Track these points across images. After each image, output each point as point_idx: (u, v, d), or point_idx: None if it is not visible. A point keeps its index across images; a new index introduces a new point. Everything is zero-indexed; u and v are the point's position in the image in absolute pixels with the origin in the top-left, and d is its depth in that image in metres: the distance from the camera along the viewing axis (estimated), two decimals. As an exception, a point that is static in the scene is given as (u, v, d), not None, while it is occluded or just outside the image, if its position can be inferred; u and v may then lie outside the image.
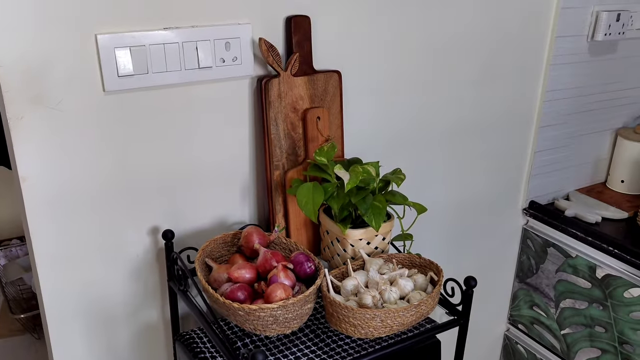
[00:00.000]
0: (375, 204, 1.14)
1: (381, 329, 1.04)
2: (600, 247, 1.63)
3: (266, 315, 1.00)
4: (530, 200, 1.81)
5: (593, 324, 1.70)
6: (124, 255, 1.17)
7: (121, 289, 1.19)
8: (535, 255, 1.83)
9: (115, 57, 1.02)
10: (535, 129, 1.71)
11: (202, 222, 1.23)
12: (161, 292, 1.24)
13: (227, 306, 1.01)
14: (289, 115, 1.19)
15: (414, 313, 1.05)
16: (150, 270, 1.21)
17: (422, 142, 1.50)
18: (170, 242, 1.16)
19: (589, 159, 1.89)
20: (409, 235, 1.28)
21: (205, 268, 1.14)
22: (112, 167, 1.09)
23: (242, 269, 1.08)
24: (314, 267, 1.10)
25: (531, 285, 1.87)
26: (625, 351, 1.63)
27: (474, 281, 1.09)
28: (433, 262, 1.16)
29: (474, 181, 1.67)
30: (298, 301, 1.01)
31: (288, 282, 1.05)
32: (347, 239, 1.17)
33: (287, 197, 1.22)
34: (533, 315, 1.89)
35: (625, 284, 1.59)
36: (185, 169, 1.17)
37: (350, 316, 1.02)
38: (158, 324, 1.26)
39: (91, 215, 1.11)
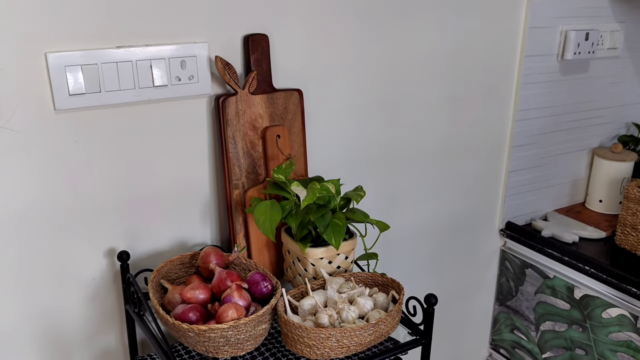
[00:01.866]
0: (335, 221, 1.12)
1: (337, 349, 1.00)
2: (577, 267, 1.60)
3: (217, 336, 0.97)
4: (507, 221, 1.78)
5: (573, 346, 1.66)
6: (79, 278, 1.14)
7: (78, 314, 1.16)
8: (514, 277, 1.80)
9: (66, 75, 1.01)
10: (508, 148, 1.70)
11: (161, 244, 1.21)
12: (119, 316, 1.21)
13: (177, 327, 0.98)
14: (247, 133, 1.18)
15: (372, 332, 1.02)
16: (108, 294, 1.18)
17: (394, 164, 1.49)
18: (125, 264, 1.13)
19: (566, 179, 1.87)
20: (374, 255, 1.26)
21: (161, 290, 1.11)
22: (65, 187, 1.08)
23: (196, 289, 1.06)
24: (270, 287, 1.07)
25: (511, 308, 1.83)
26: (607, 374, 1.59)
27: (434, 298, 1.06)
28: (395, 280, 1.13)
29: (449, 202, 1.65)
30: (250, 321, 0.98)
31: (242, 302, 1.03)
32: (307, 258, 1.14)
33: (248, 217, 1.21)
34: (514, 339, 1.84)
35: (603, 304, 1.55)
36: (142, 190, 1.15)
37: (305, 336, 0.99)
38: (117, 349, 1.22)
39: (44, 237, 1.09)
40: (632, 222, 1.62)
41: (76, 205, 1.10)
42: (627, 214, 1.63)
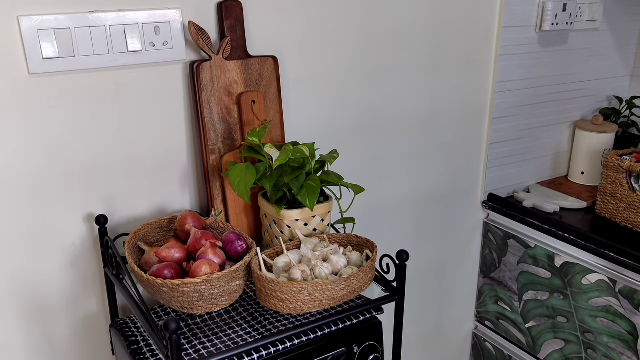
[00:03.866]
0: (309, 183, 1.14)
1: (310, 303, 1.02)
2: (558, 235, 1.62)
3: (190, 290, 0.98)
4: (489, 193, 1.80)
5: (555, 314, 1.68)
6: (59, 243, 1.16)
7: (58, 279, 1.18)
8: (497, 248, 1.82)
9: (39, 39, 1.03)
10: (488, 120, 1.72)
11: (140, 210, 1.23)
12: (100, 280, 1.23)
13: (152, 283, 1.00)
14: (222, 99, 1.20)
15: (344, 287, 1.04)
16: (88, 259, 1.20)
17: (373, 134, 1.51)
18: (103, 228, 1.15)
19: (548, 152, 1.89)
20: (351, 219, 1.28)
21: (138, 251, 1.13)
22: (42, 152, 1.09)
23: (172, 248, 1.07)
24: (245, 246, 1.09)
25: (495, 280, 1.85)
26: (588, 340, 1.60)
27: (406, 254, 1.08)
28: (370, 240, 1.15)
29: (430, 174, 1.67)
30: (223, 276, 1.00)
31: (217, 259, 1.04)
32: (283, 220, 1.16)
33: (225, 182, 1.22)
34: (499, 310, 1.86)
35: (583, 270, 1.57)
36: (120, 156, 1.17)
37: (278, 290, 1.01)
38: (99, 313, 1.24)
39: (22, 202, 1.10)
40: (611, 190, 1.64)
41: (54, 171, 1.12)
42: (607, 182, 1.64)
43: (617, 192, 1.62)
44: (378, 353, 1.19)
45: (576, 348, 1.64)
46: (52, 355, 1.22)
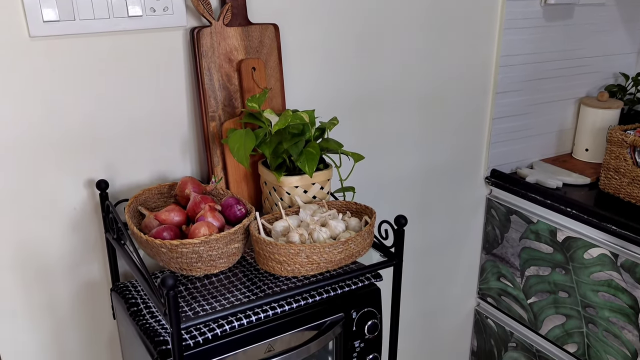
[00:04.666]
0: (309, 149, 1.14)
1: (308, 265, 1.03)
2: (560, 209, 1.62)
3: (189, 251, 0.99)
4: (491, 169, 1.80)
5: (557, 289, 1.68)
6: (60, 208, 1.17)
7: (60, 243, 1.19)
8: (499, 224, 1.81)
9: (40, 2, 1.03)
10: (492, 94, 1.71)
11: (141, 177, 1.24)
12: (101, 246, 1.24)
13: (151, 244, 1.00)
14: (223, 65, 1.20)
15: (342, 250, 1.04)
16: (89, 224, 1.21)
17: (376, 108, 1.50)
18: (104, 192, 1.16)
19: (553, 128, 1.88)
20: (351, 188, 1.28)
21: (139, 216, 1.14)
22: (43, 116, 1.10)
23: (171, 211, 1.08)
24: (244, 211, 1.10)
25: (497, 256, 1.85)
26: (589, 314, 1.60)
27: (404, 219, 1.08)
28: (369, 207, 1.15)
29: (433, 149, 1.67)
30: (222, 237, 1.00)
31: (216, 222, 1.05)
32: (282, 187, 1.17)
33: (226, 150, 1.23)
34: (501, 286, 1.86)
35: (585, 245, 1.57)
36: (120, 121, 1.18)
37: (276, 252, 1.02)
38: (100, 278, 1.26)
39: (22, 166, 1.11)
40: (615, 165, 1.63)
41: (54, 135, 1.12)
42: (611, 157, 1.63)
43: (621, 167, 1.61)
44: (376, 319, 1.20)
45: (577, 323, 1.64)
46: (54, 320, 1.24)
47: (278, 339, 1.09)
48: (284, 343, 1.10)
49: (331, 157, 1.24)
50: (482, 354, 2.00)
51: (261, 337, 1.07)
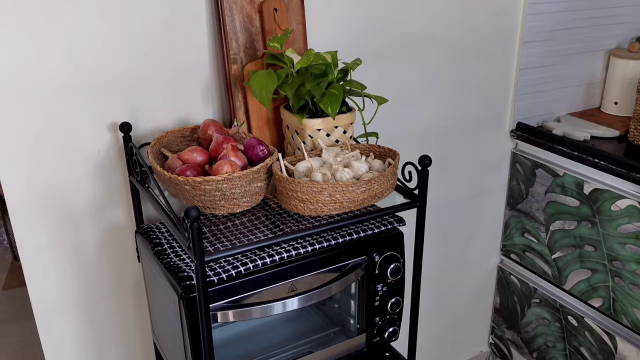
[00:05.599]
0: (332, 91, 1.13)
1: (330, 204, 1.02)
2: (587, 161, 1.58)
3: (212, 188, 0.99)
4: (517, 122, 1.76)
5: (582, 243, 1.65)
6: (85, 151, 1.18)
7: (84, 187, 1.20)
8: (524, 179, 1.79)
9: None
10: (519, 44, 1.67)
11: (164, 122, 1.24)
12: (125, 190, 1.25)
13: (174, 182, 1.01)
14: (244, 7, 1.18)
15: (365, 190, 1.03)
16: (113, 168, 1.22)
17: (399, 54, 1.48)
18: (127, 135, 1.16)
19: (581, 81, 1.83)
20: (374, 133, 1.27)
21: (162, 158, 1.14)
22: (64, 57, 1.10)
23: (194, 152, 1.08)
24: (267, 151, 1.09)
25: (522, 212, 1.83)
26: (615, 268, 1.58)
27: (428, 159, 1.06)
28: (392, 149, 1.14)
29: (457, 100, 1.64)
30: (245, 175, 1.00)
31: (239, 162, 1.05)
32: (305, 130, 1.16)
33: (248, 94, 1.22)
34: (525, 242, 1.84)
35: (613, 196, 1.54)
36: (142, 65, 1.17)
37: (298, 191, 1.01)
38: (125, 222, 1.27)
39: (46, 109, 1.12)
40: (645, 116, 1.58)
41: (77, 78, 1.12)
42: (641, 108, 1.59)
43: (652, 117, 1.56)
44: (399, 263, 1.19)
45: (603, 277, 1.62)
46: (80, 264, 1.25)
47: (300, 280, 1.10)
48: (306, 284, 1.10)
49: (354, 100, 1.22)
50: (504, 310, 1.99)
51: (284, 277, 1.08)
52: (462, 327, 2.02)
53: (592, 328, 1.68)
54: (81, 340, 1.32)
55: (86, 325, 1.31)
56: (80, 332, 1.31)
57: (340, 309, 1.30)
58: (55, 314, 1.27)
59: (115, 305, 1.33)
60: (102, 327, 1.33)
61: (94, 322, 1.32)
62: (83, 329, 1.31)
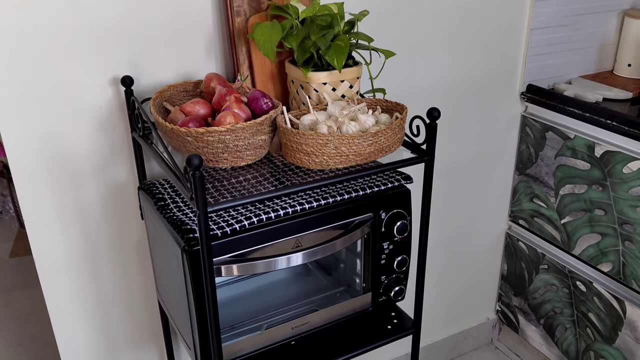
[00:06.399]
0: (337, 43, 1.10)
1: (336, 157, 1.00)
2: (599, 122, 1.55)
3: (215, 140, 0.97)
4: (527, 84, 1.72)
5: (592, 207, 1.62)
6: (86, 106, 1.16)
7: (86, 143, 1.19)
8: (534, 142, 1.75)
9: None
10: (530, 2, 1.62)
11: (166, 77, 1.21)
12: (128, 148, 1.23)
13: (176, 134, 0.98)
14: (248, -43, 1.15)
15: (371, 143, 1.01)
16: (115, 124, 1.20)
17: (408, 11, 1.44)
18: (129, 89, 1.14)
19: (594, 42, 1.79)
20: (381, 89, 1.24)
21: (164, 111, 1.12)
22: (64, 9, 1.07)
23: (196, 104, 1.06)
24: (271, 104, 1.07)
25: (531, 176, 1.80)
26: (626, 232, 1.55)
27: (437, 112, 1.04)
28: (400, 103, 1.11)
29: (467, 61, 1.60)
30: (248, 127, 0.98)
31: (242, 114, 1.03)
32: (310, 83, 1.13)
33: (252, 47, 1.19)
34: (533, 207, 1.82)
35: (625, 158, 1.50)
36: (143, 18, 1.14)
37: (303, 143, 0.99)
38: (128, 181, 1.25)
39: (46, 63, 1.09)
40: (660, 77, 1.54)
41: (77, 30, 1.10)
42: (656, 69, 1.55)
43: (667, 78, 1.52)
44: (406, 220, 1.17)
45: (613, 241, 1.59)
46: (84, 223, 1.24)
47: (305, 236, 1.08)
48: (312, 240, 1.09)
49: (361, 53, 1.19)
50: (512, 277, 1.97)
51: (289, 233, 1.06)
52: (469, 294, 2.00)
53: (601, 293, 1.66)
54: (86, 301, 1.31)
55: (91, 286, 1.30)
56: (85, 292, 1.30)
57: (346, 269, 1.28)
58: (59, 274, 1.26)
59: (120, 265, 1.32)
60: (107, 287, 1.33)
61: (99, 283, 1.31)
62: (88, 290, 1.30)
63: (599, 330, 1.69)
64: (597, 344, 1.71)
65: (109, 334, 1.38)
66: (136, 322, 1.40)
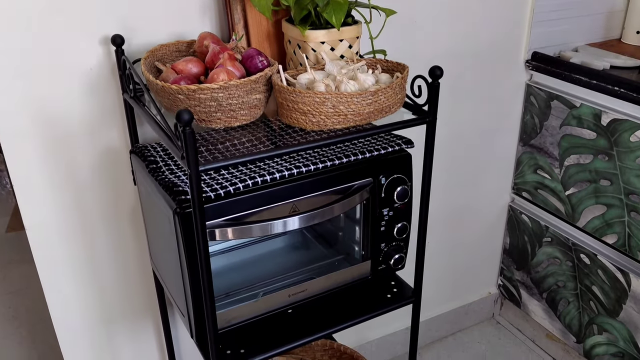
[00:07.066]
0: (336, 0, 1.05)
1: (334, 117, 0.96)
2: (607, 89, 1.50)
3: (207, 97, 0.93)
4: (533, 51, 1.68)
5: (598, 178, 1.58)
6: (76, 68, 1.12)
7: (78, 106, 1.15)
8: (538, 112, 1.71)
9: None
10: (536, -34, 1.57)
11: (158, 37, 1.16)
12: (120, 111, 1.19)
13: (167, 91, 0.94)
14: None
15: (371, 102, 0.97)
16: (106, 86, 1.16)
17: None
18: (120, 48, 1.10)
19: (602, 9, 1.73)
20: (382, 51, 1.19)
21: (156, 72, 1.08)
22: (52, -39, 1.03)
23: (189, 62, 1.02)
24: (266, 62, 1.02)
25: (535, 147, 1.76)
26: (632, 202, 1.52)
27: (440, 70, 0.99)
28: (401, 63, 1.07)
29: (469, 26, 1.55)
30: (242, 84, 0.94)
31: (236, 72, 0.98)
32: (307, 42, 1.08)
33: (247, 5, 1.14)
34: (537, 179, 1.78)
35: (633, 126, 1.46)
36: (135, -28, 1.10)
37: (300, 102, 0.95)
38: (121, 145, 1.21)
39: (34, 20, 1.05)
40: (670, 43, 1.49)
41: (65, -15, 1.05)
42: (666, 34, 1.50)
43: (677, 43, 1.47)
44: (406, 186, 1.14)
45: (618, 212, 1.56)
46: (75, 188, 1.21)
47: (303, 200, 1.04)
48: (309, 205, 1.05)
49: (361, 12, 1.15)
50: (514, 251, 1.94)
51: (285, 197, 1.03)
52: (470, 269, 1.97)
53: (606, 266, 1.62)
54: (80, 272, 1.28)
55: (84, 256, 1.27)
56: (79, 263, 1.27)
57: (345, 237, 1.25)
58: (51, 243, 1.23)
59: (114, 235, 1.29)
60: (101, 257, 1.30)
61: (92, 253, 1.28)
62: (81, 260, 1.27)
63: (602, 303, 1.66)
64: (600, 318, 1.68)
65: (104, 305, 1.35)
66: (131, 293, 1.37)
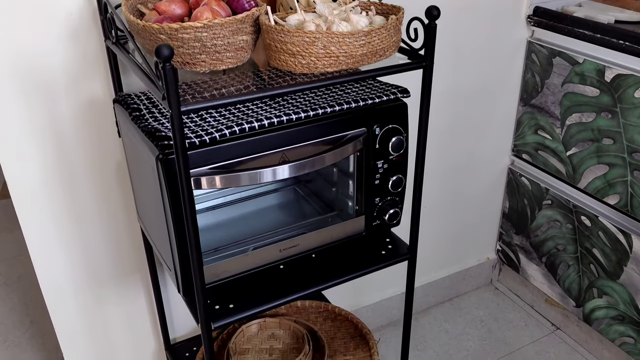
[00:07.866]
0: (328, -62, 0.99)
1: (325, 58, 0.91)
2: (611, 43, 1.45)
3: (190, 38, 0.88)
4: (535, 6, 1.62)
5: (601, 136, 1.54)
6: (56, 14, 1.06)
7: (58, 53, 1.09)
8: (540, 70, 1.66)
9: None
10: None
11: (143, -18, 1.11)
12: (103, 61, 1.14)
13: (149, 32, 0.89)
14: None
15: (364, 44, 0.92)
16: (88, 33, 1.10)
17: None
18: (101, -9, 1.04)
19: (607, -37, 1.67)
20: None
21: (139, 15, 1.02)
22: None
23: (172, 3, 0.96)
24: (254, 3, 0.97)
25: (536, 107, 1.71)
26: (635, 161, 1.47)
27: (437, 10, 0.94)
28: (396, 6, 1.01)
29: (469, -21, 1.50)
30: (227, 23, 0.88)
31: (222, 12, 0.93)
32: (298, -15, 1.03)
33: (235, -52, 1.08)
34: (538, 140, 1.73)
35: (637, 82, 1.41)
36: None
37: (288, 42, 0.90)
38: (104, 96, 1.17)
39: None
40: (678, -6, 1.43)
41: None
42: (673, -14, 1.44)
43: (685, -6, 1.42)
44: (402, 137, 1.09)
45: (621, 171, 1.52)
46: (58, 142, 1.16)
47: (293, 150, 1.00)
48: (299, 155, 1.01)
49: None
50: (514, 215, 1.90)
51: (275, 146, 0.98)
52: (468, 233, 1.94)
53: (607, 227, 1.59)
54: (66, 232, 1.24)
55: (70, 215, 1.23)
56: (64, 222, 1.23)
57: (338, 192, 1.21)
58: (35, 202, 1.19)
59: (100, 192, 1.25)
60: (87, 216, 1.26)
61: (78, 211, 1.24)
62: (67, 219, 1.24)
63: (603, 266, 1.63)
64: (600, 281, 1.65)
65: (92, 267, 1.32)
66: (119, 253, 1.34)
